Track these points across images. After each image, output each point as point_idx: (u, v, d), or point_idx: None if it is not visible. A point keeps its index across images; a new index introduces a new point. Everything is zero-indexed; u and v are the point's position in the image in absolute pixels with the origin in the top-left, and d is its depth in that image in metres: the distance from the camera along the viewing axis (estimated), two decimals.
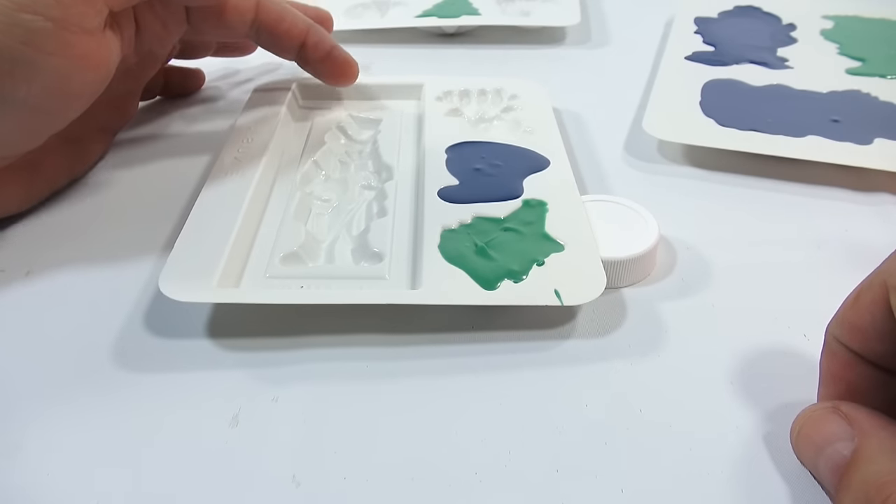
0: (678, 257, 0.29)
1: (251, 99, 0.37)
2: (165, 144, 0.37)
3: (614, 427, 0.22)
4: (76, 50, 0.27)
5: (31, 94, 0.26)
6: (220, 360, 0.25)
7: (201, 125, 0.38)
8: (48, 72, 0.26)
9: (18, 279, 0.28)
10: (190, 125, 0.38)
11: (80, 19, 0.26)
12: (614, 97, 0.41)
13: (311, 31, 0.35)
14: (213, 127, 0.38)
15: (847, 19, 0.47)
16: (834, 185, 0.33)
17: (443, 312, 0.26)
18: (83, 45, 0.27)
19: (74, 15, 0.26)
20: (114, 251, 0.30)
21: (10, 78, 0.26)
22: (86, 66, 0.27)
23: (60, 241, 0.30)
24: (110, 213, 0.32)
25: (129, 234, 0.30)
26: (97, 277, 0.28)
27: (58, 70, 0.26)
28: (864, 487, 0.17)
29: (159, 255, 0.29)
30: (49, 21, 0.25)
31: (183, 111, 0.40)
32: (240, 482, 0.21)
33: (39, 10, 0.25)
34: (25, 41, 0.25)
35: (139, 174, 0.34)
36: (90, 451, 0.22)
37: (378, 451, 0.22)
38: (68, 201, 0.32)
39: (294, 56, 0.35)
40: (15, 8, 0.25)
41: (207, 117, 0.39)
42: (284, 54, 0.35)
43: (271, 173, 0.32)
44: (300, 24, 0.34)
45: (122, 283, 0.28)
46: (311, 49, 0.35)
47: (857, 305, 0.20)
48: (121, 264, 0.29)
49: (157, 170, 0.35)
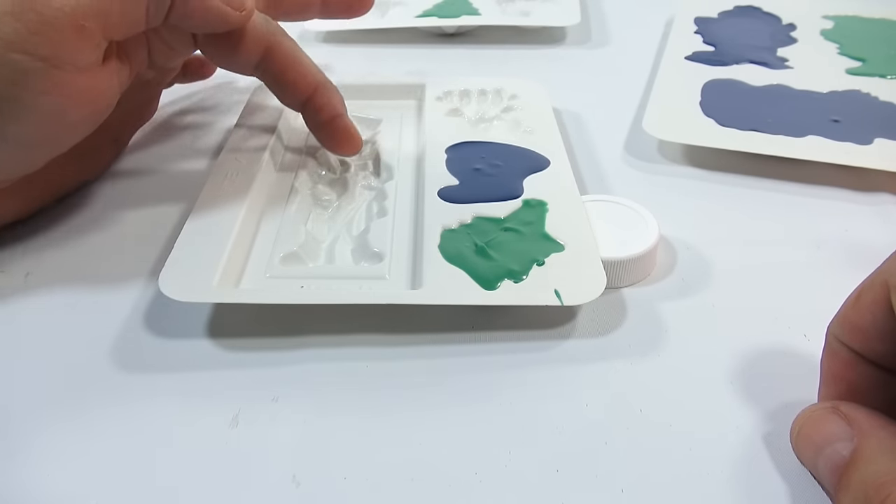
0: (678, 257, 0.29)
1: (252, 99, 0.37)
2: (166, 144, 0.37)
3: (614, 427, 0.22)
4: (69, 88, 0.25)
5: (22, 132, 0.25)
6: (220, 360, 0.25)
7: (202, 125, 0.38)
8: (40, 110, 0.25)
9: (18, 280, 0.28)
10: (190, 125, 0.38)
11: (73, 57, 0.25)
12: (614, 97, 0.41)
13: (320, 91, 0.31)
14: (213, 127, 0.38)
15: (847, 19, 0.47)
16: (834, 185, 0.33)
17: (443, 312, 0.26)
18: (77, 82, 0.26)
19: (67, 53, 0.25)
20: (114, 251, 0.30)
21: (2, 117, 0.25)
22: (81, 102, 0.26)
23: (60, 241, 0.30)
24: (110, 213, 0.32)
25: (130, 235, 0.30)
26: (97, 278, 0.28)
27: (50, 108, 0.25)
28: (864, 487, 0.17)
29: (159, 255, 0.29)
30: (39, 61, 0.24)
31: (183, 110, 0.40)
32: (240, 482, 0.21)
33: (29, 49, 0.24)
34: (14, 81, 0.24)
35: (139, 174, 0.34)
36: (90, 451, 0.22)
37: (378, 451, 0.22)
38: (68, 202, 0.32)
39: (299, 110, 0.32)
40: (3, 47, 0.24)
41: (208, 117, 0.39)
42: (288, 105, 0.33)
43: (271, 173, 0.32)
44: (309, 79, 0.31)
45: (122, 283, 0.28)
46: (315, 110, 0.32)
47: (858, 305, 0.20)
48: (121, 265, 0.29)
49: (157, 169, 0.35)
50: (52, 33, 0.24)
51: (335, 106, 0.32)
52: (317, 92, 0.31)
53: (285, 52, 0.31)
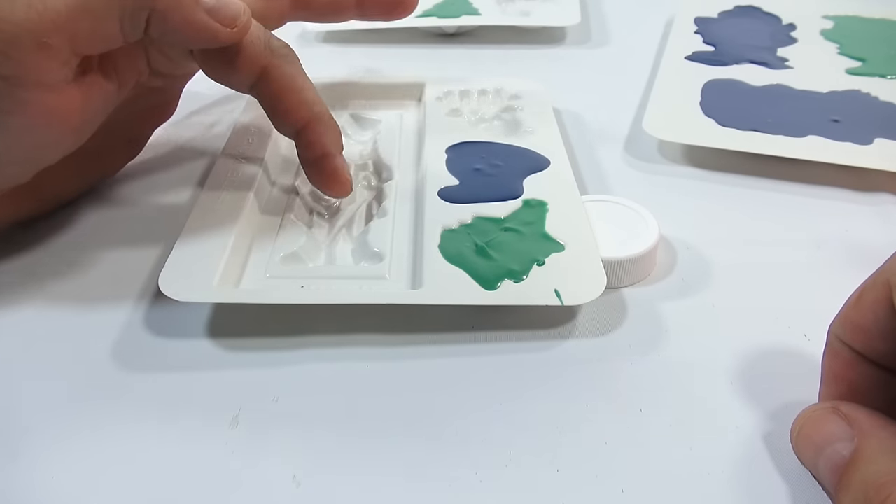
0: (678, 257, 0.29)
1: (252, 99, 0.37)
2: (166, 143, 0.37)
3: (614, 427, 0.22)
4: (36, 107, 0.24)
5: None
6: (220, 360, 0.25)
7: (202, 125, 0.38)
8: (7, 130, 0.24)
9: (19, 280, 0.28)
10: (190, 125, 0.38)
11: (38, 75, 0.23)
12: (614, 97, 0.41)
13: (312, 126, 0.29)
14: (213, 127, 0.38)
15: (847, 19, 0.47)
16: (834, 185, 0.33)
17: (443, 312, 0.26)
18: (44, 101, 0.24)
19: (31, 72, 0.23)
20: (114, 251, 0.30)
21: None
22: (50, 121, 0.25)
23: (60, 241, 0.30)
24: (111, 213, 0.32)
25: (130, 234, 0.30)
26: (97, 278, 0.28)
27: (17, 128, 0.24)
28: (864, 487, 0.17)
29: (160, 255, 0.29)
30: (1, 80, 0.23)
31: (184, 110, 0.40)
32: (240, 482, 0.21)
33: None
34: None
35: (140, 174, 0.34)
36: (90, 451, 0.22)
37: (378, 450, 0.22)
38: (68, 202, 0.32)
39: (292, 139, 0.30)
40: None
41: (208, 117, 0.39)
42: (280, 132, 0.30)
43: (272, 173, 0.32)
44: (303, 111, 0.28)
45: (122, 282, 0.28)
46: (305, 146, 0.29)
47: (860, 305, 0.20)
48: (121, 264, 0.29)
49: (158, 170, 0.35)
50: (13, 51, 0.23)
51: (325, 144, 0.29)
52: (309, 126, 0.29)
53: (282, 77, 0.28)
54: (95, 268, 0.29)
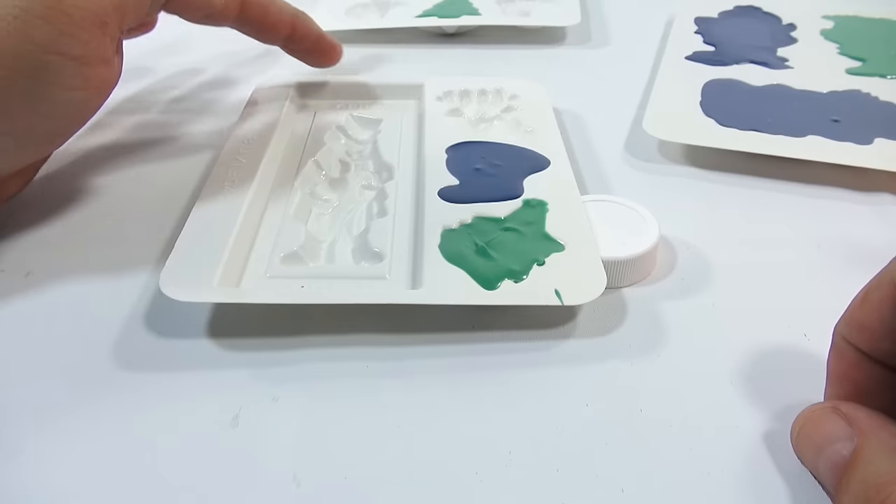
0: (678, 257, 0.29)
1: (252, 99, 0.37)
2: (166, 144, 0.37)
3: (615, 427, 0.22)
4: (95, 81, 0.27)
5: (49, 127, 0.27)
6: (220, 360, 0.25)
7: (202, 125, 0.38)
8: (70, 106, 0.27)
9: (19, 280, 0.28)
10: (190, 125, 0.38)
11: (99, 52, 0.26)
12: (614, 97, 0.41)
13: (298, 22, 0.35)
14: (213, 127, 0.38)
15: (847, 19, 0.47)
16: (834, 185, 0.33)
17: (443, 312, 0.26)
18: (100, 74, 0.27)
19: (94, 49, 0.26)
20: (114, 252, 0.30)
21: (36, 116, 0.26)
22: (101, 93, 0.28)
23: (61, 241, 0.30)
24: (111, 213, 0.32)
25: (130, 235, 0.30)
26: (97, 278, 0.28)
27: (78, 103, 0.27)
28: (864, 487, 0.17)
29: (160, 255, 0.29)
30: (71, 60, 0.25)
31: (183, 111, 0.40)
32: (240, 482, 0.21)
33: (63, 49, 0.25)
34: (50, 82, 0.25)
35: (140, 175, 0.34)
36: (91, 451, 0.22)
37: (378, 450, 0.22)
38: (69, 202, 0.32)
39: (279, 45, 0.36)
40: (39, 51, 0.25)
41: (208, 117, 0.39)
42: (269, 43, 0.36)
43: (272, 173, 0.32)
44: (286, 16, 0.35)
45: (122, 283, 0.28)
46: (299, 40, 0.36)
47: (866, 304, 0.20)
48: (121, 264, 0.29)
49: (158, 170, 0.35)
50: (81, 33, 0.25)
51: (314, 29, 0.36)
52: (295, 24, 0.35)
53: (257, 4, 0.34)
54: (95, 267, 0.29)
